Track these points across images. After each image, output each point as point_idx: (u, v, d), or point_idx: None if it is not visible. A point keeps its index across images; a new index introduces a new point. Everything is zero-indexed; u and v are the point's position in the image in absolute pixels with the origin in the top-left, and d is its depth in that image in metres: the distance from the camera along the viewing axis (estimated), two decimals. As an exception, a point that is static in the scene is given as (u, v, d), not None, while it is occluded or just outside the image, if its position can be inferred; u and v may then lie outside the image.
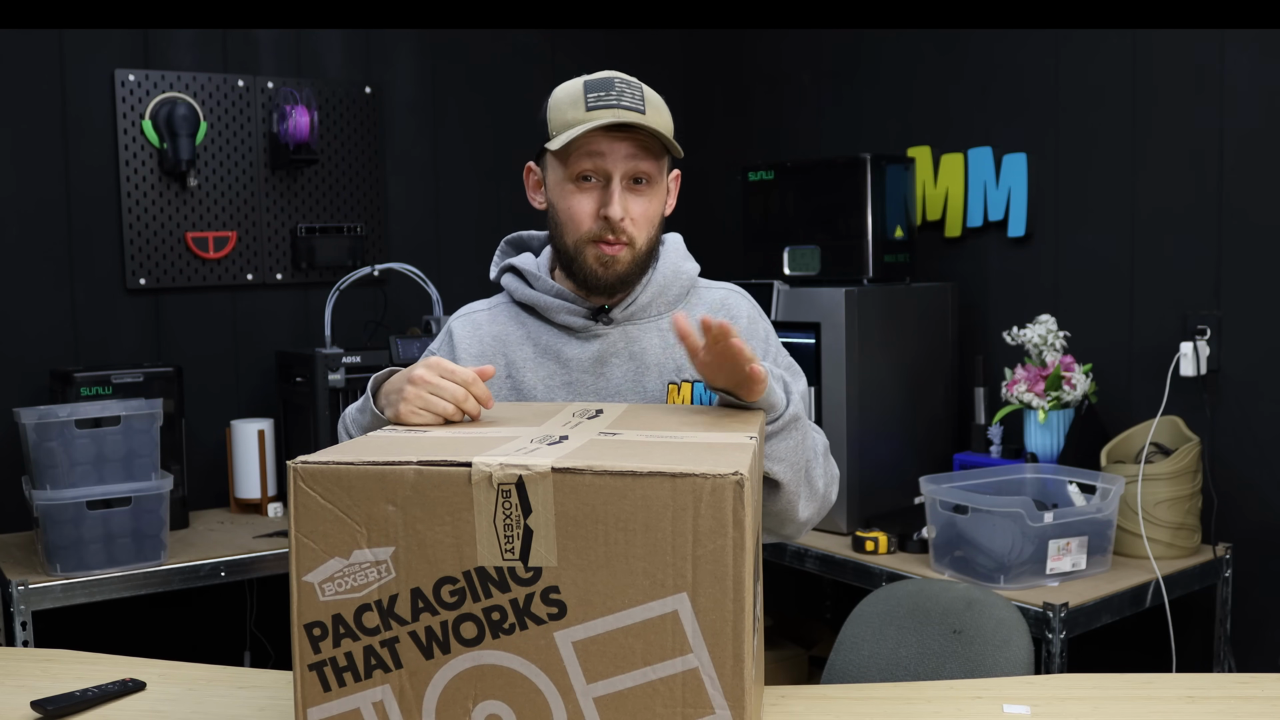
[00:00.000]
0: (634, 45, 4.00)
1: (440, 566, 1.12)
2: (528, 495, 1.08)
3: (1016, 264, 3.18)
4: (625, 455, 1.13)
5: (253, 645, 3.42)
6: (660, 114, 1.59)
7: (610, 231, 1.57)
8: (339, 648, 1.16)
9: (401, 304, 3.60)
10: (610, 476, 1.07)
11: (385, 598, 1.14)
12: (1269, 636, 2.73)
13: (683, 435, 1.26)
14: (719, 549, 1.05)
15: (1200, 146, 2.79)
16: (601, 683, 1.10)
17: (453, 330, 1.71)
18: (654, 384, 1.65)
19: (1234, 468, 2.76)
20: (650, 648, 1.08)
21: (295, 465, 1.14)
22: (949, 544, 2.60)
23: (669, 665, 1.08)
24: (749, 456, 1.13)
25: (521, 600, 1.10)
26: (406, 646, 1.14)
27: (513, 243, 1.79)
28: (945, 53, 3.32)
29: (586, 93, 1.56)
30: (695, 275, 1.73)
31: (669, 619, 1.07)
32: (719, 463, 1.07)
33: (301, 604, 1.17)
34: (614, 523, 1.07)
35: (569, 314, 1.66)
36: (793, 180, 3.29)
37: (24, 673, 1.74)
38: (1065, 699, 1.56)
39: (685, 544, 1.06)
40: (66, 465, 2.63)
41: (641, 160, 1.57)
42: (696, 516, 1.05)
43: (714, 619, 1.06)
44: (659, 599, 1.07)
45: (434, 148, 3.74)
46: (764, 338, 1.73)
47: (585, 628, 1.09)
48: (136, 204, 3.27)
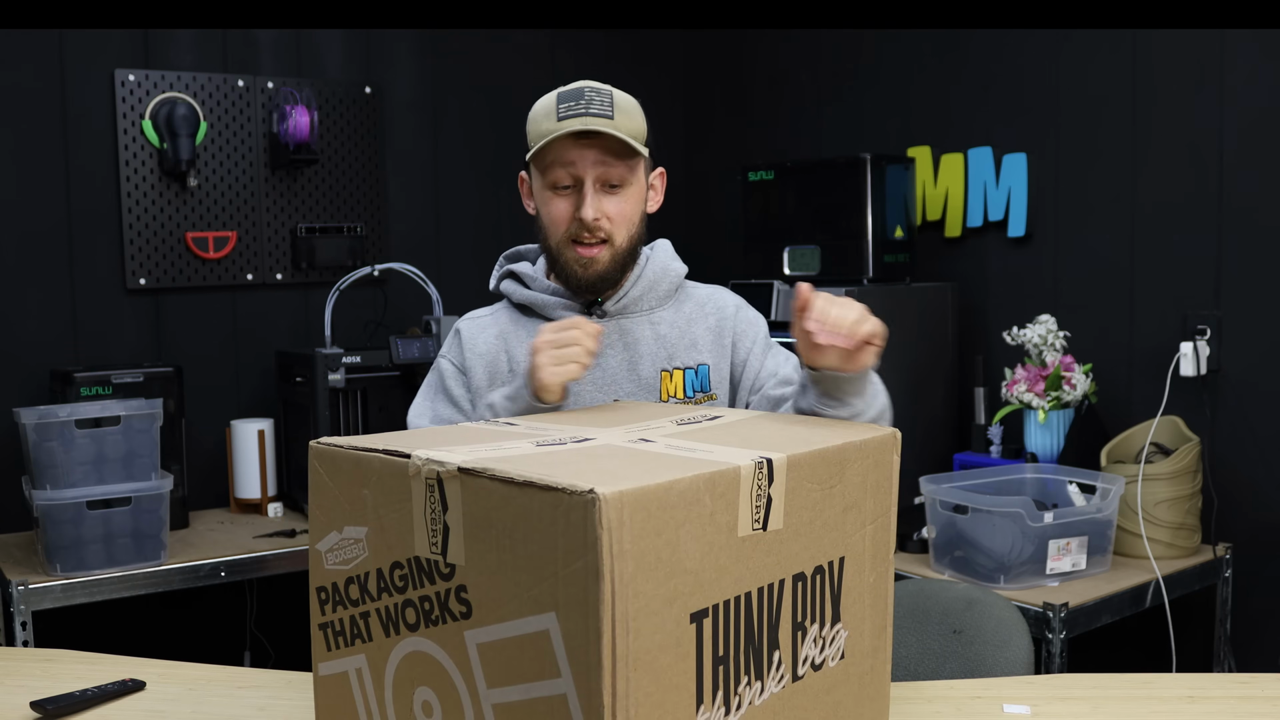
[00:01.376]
0: (634, 45, 4.00)
1: (394, 551, 1.16)
2: (444, 492, 1.10)
3: (1016, 264, 3.18)
4: (554, 464, 1.10)
5: (253, 645, 3.42)
6: (630, 119, 1.66)
7: (585, 231, 1.67)
8: (335, 613, 1.24)
9: (401, 304, 3.60)
10: (499, 482, 1.04)
11: (362, 574, 1.21)
12: (1269, 636, 2.73)
13: (717, 449, 1.19)
14: (579, 570, 0.99)
15: (1200, 146, 2.79)
16: (496, 690, 1.09)
17: (460, 330, 1.80)
18: (648, 372, 1.73)
19: (1234, 468, 2.76)
20: (529, 664, 1.05)
21: (313, 444, 1.24)
22: (949, 544, 2.60)
23: (544, 686, 1.04)
24: (689, 476, 1.05)
25: (443, 594, 1.12)
26: (374, 622, 1.20)
27: (510, 257, 1.88)
28: (945, 53, 3.32)
29: (558, 104, 1.65)
30: (683, 275, 1.82)
31: (543, 637, 1.03)
32: (609, 479, 1.00)
33: (313, 569, 1.26)
34: (504, 529, 1.05)
35: (564, 309, 1.75)
36: (793, 180, 3.30)
37: (24, 673, 1.74)
38: (1065, 699, 1.56)
39: (555, 561, 1.01)
40: (66, 465, 2.63)
41: (610, 164, 1.65)
42: (565, 533, 1.00)
43: (578, 645, 1.00)
44: (535, 614, 1.03)
45: (434, 148, 3.74)
46: (752, 323, 1.81)
47: (485, 631, 1.09)
48: (136, 204, 3.27)
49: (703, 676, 1.09)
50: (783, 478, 1.16)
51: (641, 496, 1.00)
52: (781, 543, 1.17)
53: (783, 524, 1.16)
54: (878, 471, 1.30)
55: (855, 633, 1.28)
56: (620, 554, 0.99)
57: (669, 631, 1.04)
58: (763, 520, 1.14)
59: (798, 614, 1.20)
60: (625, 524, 0.99)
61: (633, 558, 1.00)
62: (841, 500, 1.25)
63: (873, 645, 1.31)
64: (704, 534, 1.07)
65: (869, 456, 1.29)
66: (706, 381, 1.73)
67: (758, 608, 1.14)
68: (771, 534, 1.15)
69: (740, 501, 1.11)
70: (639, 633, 1.01)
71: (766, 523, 1.14)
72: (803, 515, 1.19)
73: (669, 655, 1.05)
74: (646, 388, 1.72)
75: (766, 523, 1.14)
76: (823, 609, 1.23)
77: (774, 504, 1.15)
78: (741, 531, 1.12)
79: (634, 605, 1.00)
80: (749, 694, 1.14)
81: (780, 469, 1.15)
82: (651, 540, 1.02)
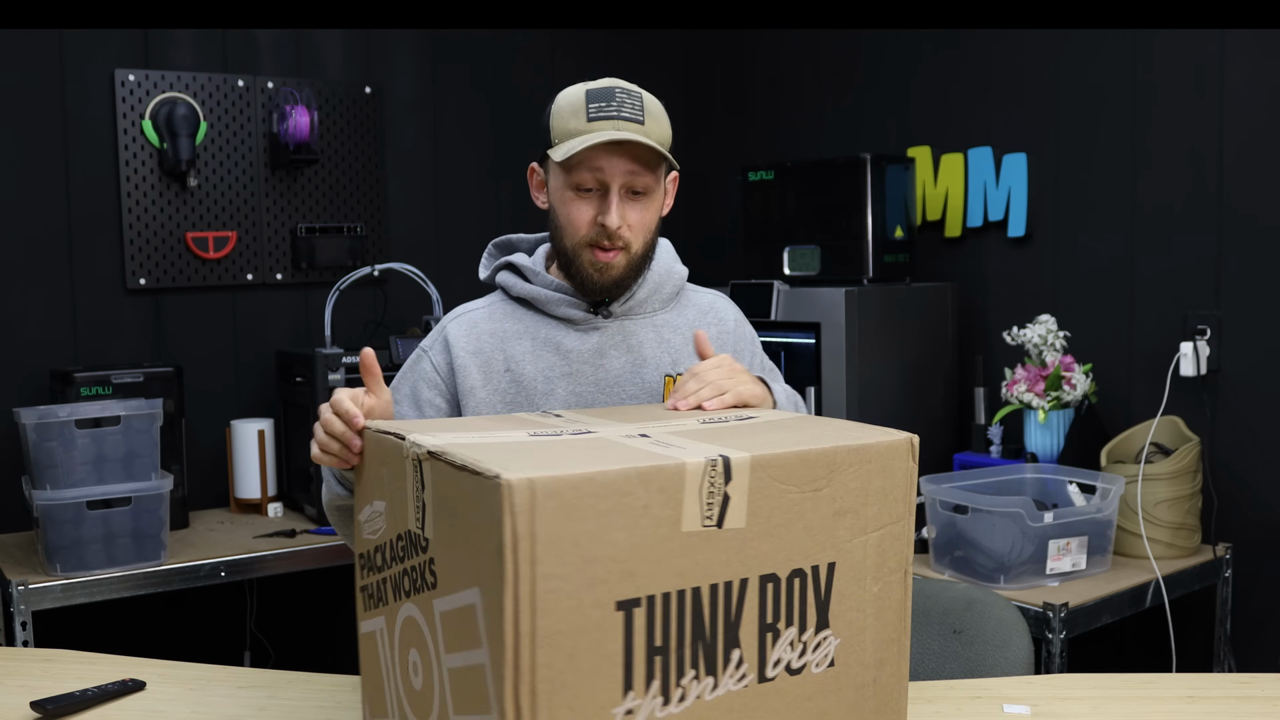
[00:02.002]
0: (634, 45, 4.00)
1: (397, 524, 1.26)
2: (423, 473, 1.18)
3: (1016, 264, 3.18)
4: (510, 452, 1.15)
5: (253, 645, 3.42)
6: (659, 124, 1.64)
7: (606, 238, 1.64)
8: (368, 578, 1.36)
9: (401, 304, 3.60)
10: (450, 466, 1.12)
11: (383, 543, 1.30)
12: (1269, 636, 2.73)
13: (690, 447, 1.22)
14: (493, 549, 1.05)
15: (1200, 146, 2.79)
16: (448, 655, 1.17)
17: (448, 334, 1.73)
18: (651, 376, 1.71)
19: (1234, 468, 2.76)
20: (467, 633, 1.12)
21: (363, 425, 1.37)
22: (949, 544, 2.60)
23: (473, 655, 1.11)
24: (617, 469, 1.09)
25: (421, 565, 1.21)
26: (388, 588, 1.30)
27: (501, 245, 1.84)
28: (945, 53, 3.32)
29: (588, 102, 1.60)
30: (684, 277, 1.81)
31: (471, 610, 1.11)
32: (532, 467, 1.07)
33: (357, 537, 1.39)
34: (454, 508, 1.14)
35: (569, 306, 1.71)
36: (793, 180, 3.30)
37: (24, 673, 1.74)
38: (1065, 699, 1.56)
39: (480, 539, 1.08)
40: (66, 465, 2.63)
41: (639, 174, 1.62)
42: (485, 514, 1.07)
43: (494, 620, 1.07)
44: (469, 588, 1.11)
45: (434, 148, 3.74)
46: (750, 340, 1.83)
47: (443, 601, 1.17)
48: (136, 204, 3.27)
49: (633, 663, 1.12)
50: (744, 477, 1.17)
51: (555, 484, 1.05)
52: (745, 542, 1.17)
53: (745, 523, 1.17)
54: (884, 477, 1.27)
55: (851, 642, 1.27)
56: (525, 536, 1.04)
57: (587, 615, 1.09)
58: (717, 518, 1.15)
59: (767, 615, 1.20)
60: (535, 508, 1.04)
61: (543, 541, 1.05)
62: (831, 505, 1.23)
63: (878, 657, 1.30)
64: (636, 526, 1.10)
65: (871, 461, 1.26)
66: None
67: (710, 604, 1.16)
68: (731, 532, 1.16)
69: (686, 497, 1.13)
70: (549, 612, 1.06)
71: (723, 520, 1.16)
72: (775, 516, 1.19)
73: (588, 638, 1.09)
74: (650, 391, 1.70)
75: (723, 520, 1.16)
76: (803, 613, 1.23)
77: (733, 502, 1.16)
78: (688, 527, 1.14)
79: (543, 586, 1.06)
80: (697, 688, 1.16)
81: (741, 468, 1.16)
82: (565, 525, 1.06)
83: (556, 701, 1.08)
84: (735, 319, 1.81)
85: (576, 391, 1.68)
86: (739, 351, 1.78)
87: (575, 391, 1.68)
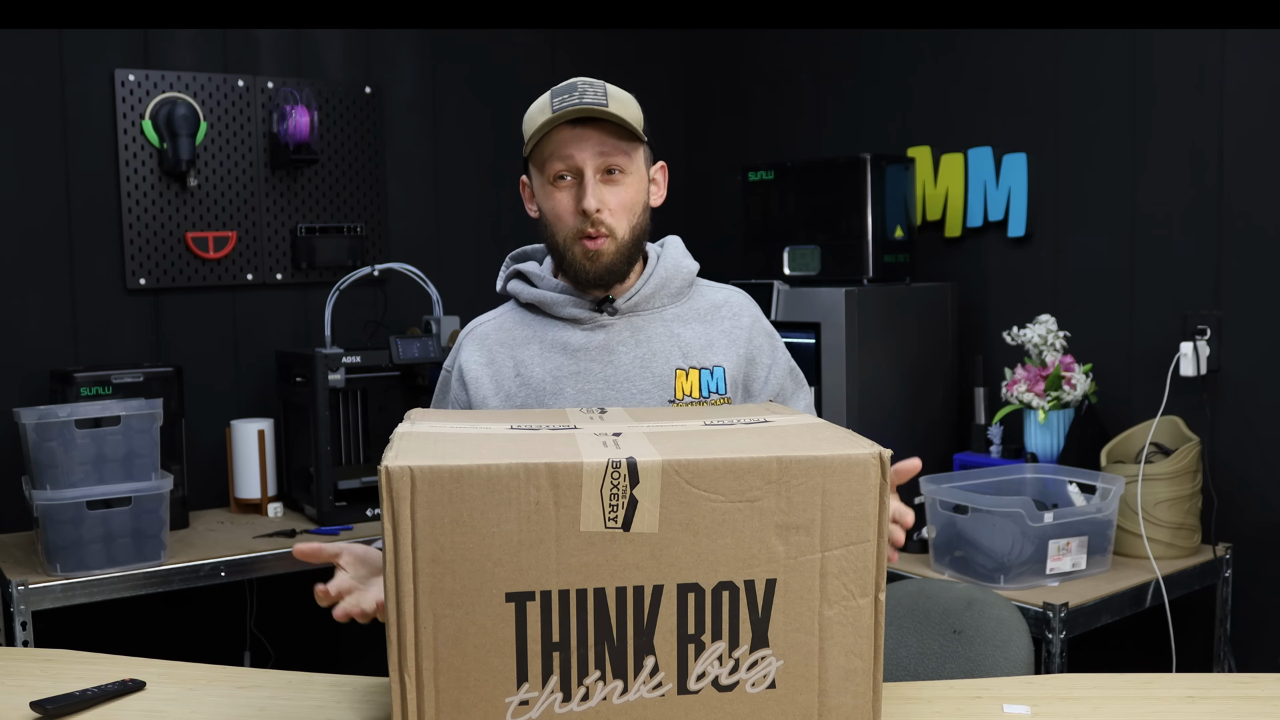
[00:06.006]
0: (634, 45, 4.00)
1: None
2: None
3: (1016, 264, 3.18)
4: (446, 442, 1.24)
5: (253, 645, 3.42)
6: (625, 107, 1.65)
7: (590, 225, 1.65)
8: None
9: (401, 304, 3.60)
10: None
11: None
12: (1269, 636, 2.73)
13: (628, 447, 1.21)
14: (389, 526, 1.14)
15: (1200, 146, 2.79)
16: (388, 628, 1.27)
17: (462, 353, 1.77)
18: (662, 369, 1.70)
19: (1234, 468, 2.76)
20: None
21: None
22: (949, 544, 2.60)
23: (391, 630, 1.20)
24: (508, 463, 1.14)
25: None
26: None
27: (516, 257, 1.87)
28: (945, 53, 3.32)
29: (552, 98, 1.64)
30: (695, 272, 1.80)
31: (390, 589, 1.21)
32: (424, 457, 1.15)
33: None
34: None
35: (574, 306, 1.73)
36: (793, 180, 3.29)
37: (24, 673, 1.74)
38: (1065, 699, 1.56)
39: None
40: (66, 465, 2.63)
41: (610, 153, 1.64)
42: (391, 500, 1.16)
43: (390, 598, 1.16)
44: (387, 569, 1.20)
45: (434, 148, 3.74)
46: (769, 336, 1.80)
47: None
48: (136, 204, 3.27)
49: (526, 655, 1.16)
50: (654, 481, 1.14)
51: (434, 473, 1.13)
52: (660, 547, 1.15)
53: (658, 529, 1.15)
54: (846, 493, 1.18)
55: (798, 666, 1.20)
56: (405, 519, 1.13)
57: (475, 603, 1.15)
58: (622, 520, 1.15)
59: (688, 625, 1.17)
60: (415, 495, 1.13)
61: (422, 526, 1.13)
62: (773, 518, 1.17)
63: (838, 686, 1.21)
64: (528, 521, 1.14)
65: (829, 475, 1.17)
66: (722, 384, 1.71)
67: (617, 607, 1.16)
68: (640, 536, 1.15)
69: (585, 497, 1.14)
70: (432, 593, 1.15)
71: (629, 523, 1.15)
72: (698, 524, 1.16)
73: (476, 625, 1.15)
74: (661, 385, 1.69)
75: (629, 523, 1.15)
76: (734, 629, 1.18)
77: (641, 506, 1.15)
78: (588, 526, 1.15)
79: (426, 570, 1.14)
80: (603, 689, 1.17)
81: (650, 473, 1.14)
82: (445, 512, 1.13)
83: (445, 681, 1.15)
84: (752, 316, 1.79)
85: (585, 389, 1.68)
86: (760, 350, 1.76)
87: (584, 389, 1.68)
